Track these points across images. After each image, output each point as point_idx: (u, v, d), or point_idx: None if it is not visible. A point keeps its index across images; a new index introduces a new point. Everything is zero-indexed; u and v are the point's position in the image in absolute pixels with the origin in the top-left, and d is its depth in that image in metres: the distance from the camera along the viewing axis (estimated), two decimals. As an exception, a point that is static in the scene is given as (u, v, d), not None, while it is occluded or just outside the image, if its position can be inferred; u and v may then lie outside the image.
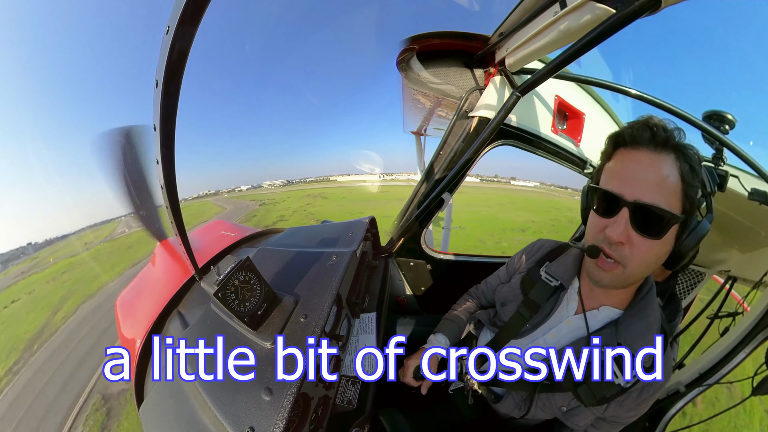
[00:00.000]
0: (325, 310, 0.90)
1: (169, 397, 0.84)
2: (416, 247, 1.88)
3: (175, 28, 0.47)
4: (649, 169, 0.68)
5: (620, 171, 0.73)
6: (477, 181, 71.26)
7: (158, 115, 0.56)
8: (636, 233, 0.69)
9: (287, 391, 0.70)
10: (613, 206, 0.71)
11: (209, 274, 0.83)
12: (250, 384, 0.73)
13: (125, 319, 1.50)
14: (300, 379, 0.72)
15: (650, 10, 0.61)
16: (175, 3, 0.46)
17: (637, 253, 0.71)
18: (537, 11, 0.89)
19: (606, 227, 0.73)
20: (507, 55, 1.23)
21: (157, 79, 0.52)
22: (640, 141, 0.70)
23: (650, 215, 0.67)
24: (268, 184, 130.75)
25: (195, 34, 0.51)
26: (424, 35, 1.37)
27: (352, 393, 1.03)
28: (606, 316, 0.87)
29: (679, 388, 1.31)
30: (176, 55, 0.51)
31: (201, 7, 0.48)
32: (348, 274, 1.20)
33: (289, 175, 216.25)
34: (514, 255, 1.19)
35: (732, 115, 1.21)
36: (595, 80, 1.35)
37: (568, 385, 0.86)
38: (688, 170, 0.67)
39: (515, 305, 1.03)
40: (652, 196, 0.67)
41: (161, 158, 0.62)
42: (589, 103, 1.77)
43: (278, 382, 0.72)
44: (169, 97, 0.55)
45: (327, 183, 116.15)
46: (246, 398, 0.71)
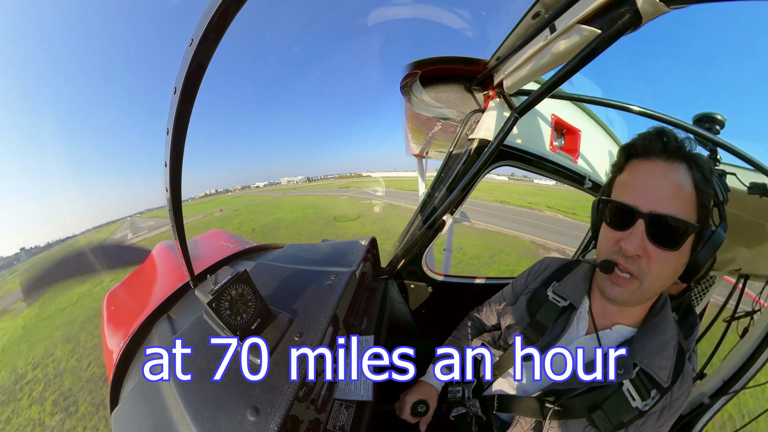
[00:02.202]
0: (320, 330, 0.90)
1: (145, 405, 0.82)
2: (417, 269, 1.89)
3: (198, 41, 0.54)
4: (664, 179, 0.70)
5: (634, 182, 0.74)
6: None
7: (172, 120, 0.62)
8: (652, 245, 0.70)
9: (275, 413, 0.68)
10: (627, 218, 0.72)
11: (205, 282, 0.85)
12: (234, 400, 0.72)
13: (112, 316, 1.49)
14: (290, 401, 0.70)
15: (632, 27, 0.69)
16: (201, 18, 0.53)
17: (654, 266, 0.71)
18: (530, 36, 0.99)
19: (620, 240, 0.73)
20: (505, 77, 1.34)
21: (176, 86, 0.59)
22: (653, 151, 0.72)
23: (667, 226, 0.68)
24: (286, 181, 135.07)
25: (215, 48, 0.58)
26: (427, 60, 1.49)
27: (345, 418, 0.99)
28: (619, 335, 0.86)
29: (703, 400, 1.25)
30: (196, 66, 0.58)
31: (223, 26, 0.56)
32: (346, 295, 1.20)
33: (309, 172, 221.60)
34: (519, 275, 1.20)
35: (721, 116, 1.28)
36: (587, 98, 1.45)
37: (582, 410, 0.83)
38: (701, 179, 0.69)
39: (521, 327, 1.02)
40: (668, 207, 0.68)
41: (170, 161, 0.67)
42: (584, 120, 1.88)
43: (266, 401, 0.71)
44: (184, 103, 0.61)
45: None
46: (229, 416, 0.69)
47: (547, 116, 1.68)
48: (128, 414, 0.85)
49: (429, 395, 1.11)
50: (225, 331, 0.83)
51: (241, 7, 0.52)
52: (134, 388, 0.92)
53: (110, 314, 1.52)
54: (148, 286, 1.62)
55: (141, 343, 1.24)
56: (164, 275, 1.64)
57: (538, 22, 0.99)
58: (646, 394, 0.78)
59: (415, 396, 1.09)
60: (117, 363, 1.14)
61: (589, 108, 1.85)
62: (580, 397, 0.84)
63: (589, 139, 1.86)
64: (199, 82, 0.61)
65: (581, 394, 0.84)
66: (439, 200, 1.63)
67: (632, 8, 0.68)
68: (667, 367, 0.78)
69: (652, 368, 0.78)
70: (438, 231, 1.71)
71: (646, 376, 0.79)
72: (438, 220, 1.60)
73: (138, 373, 1.07)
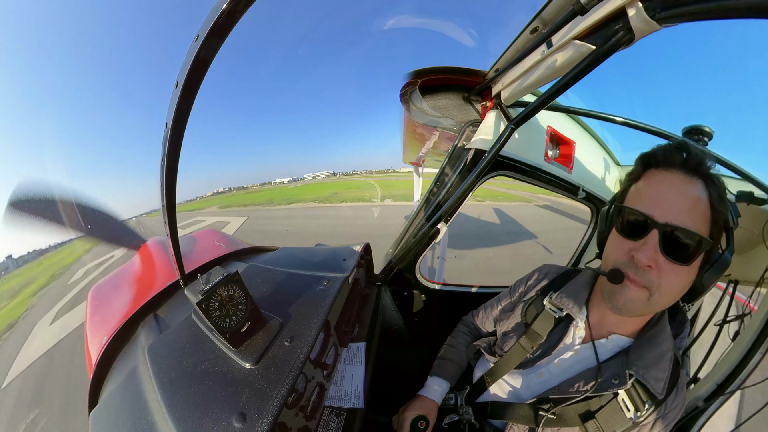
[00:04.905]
0: (311, 336, 0.89)
1: (126, 406, 0.80)
2: (411, 276, 1.89)
3: (204, 37, 0.55)
4: (681, 192, 0.69)
5: (650, 192, 0.73)
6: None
7: (172, 114, 0.62)
8: (664, 258, 0.68)
9: (262, 420, 0.66)
10: (641, 227, 0.71)
11: (195, 282, 0.83)
12: (221, 406, 0.70)
13: (96, 312, 1.44)
14: (278, 407, 0.68)
15: (626, 44, 0.72)
16: (208, 15, 0.54)
17: (664, 279, 0.70)
18: (528, 50, 1.03)
19: (632, 250, 0.72)
20: (503, 89, 1.38)
21: (178, 80, 0.59)
22: (673, 163, 0.71)
23: (681, 239, 0.67)
24: (311, 176, 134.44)
25: (220, 46, 0.59)
26: (427, 70, 1.53)
27: (335, 426, 0.97)
28: (615, 344, 0.87)
29: (697, 403, 1.25)
30: (200, 62, 0.58)
31: (230, 24, 0.56)
32: (338, 301, 1.19)
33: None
34: (516, 282, 1.20)
35: (709, 128, 1.34)
36: (582, 110, 1.49)
37: (575, 419, 0.83)
38: (717, 198, 0.69)
39: (517, 335, 1.02)
40: (684, 220, 0.67)
41: (166, 156, 0.66)
42: (578, 132, 1.93)
43: (254, 407, 0.68)
44: (185, 99, 0.61)
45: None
46: (214, 422, 0.67)
47: (543, 127, 1.73)
48: (107, 415, 0.82)
49: (429, 411, 1.08)
50: (214, 333, 0.81)
51: (250, 6, 0.53)
52: (115, 388, 0.89)
53: (94, 309, 1.47)
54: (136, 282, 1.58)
55: (125, 341, 1.20)
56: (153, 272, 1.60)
57: (536, 36, 1.03)
58: (640, 405, 0.78)
59: (414, 412, 1.06)
60: (98, 361, 1.10)
61: (583, 120, 1.91)
62: (575, 406, 0.83)
63: (583, 150, 1.91)
64: (202, 78, 0.61)
65: (575, 403, 0.84)
66: (434, 208, 1.65)
67: (626, 26, 0.71)
68: (662, 379, 0.78)
69: (648, 379, 0.78)
70: (432, 239, 1.71)
71: (641, 386, 0.79)
72: (432, 228, 1.61)
73: (120, 372, 1.03)
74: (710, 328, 1.46)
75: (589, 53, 0.80)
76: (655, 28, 0.67)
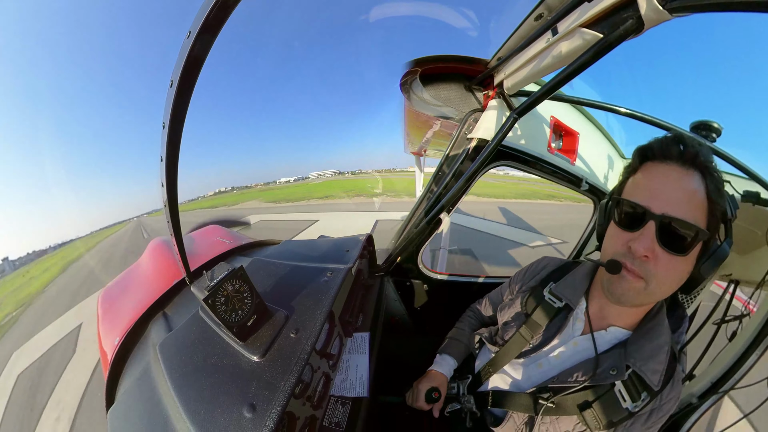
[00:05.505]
0: (316, 327, 0.90)
1: (141, 403, 0.82)
2: (413, 266, 1.90)
3: (196, 34, 0.53)
4: (678, 183, 0.70)
5: (647, 184, 0.74)
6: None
7: (169, 114, 0.61)
8: (661, 249, 0.70)
9: (271, 409, 0.68)
10: (638, 219, 0.73)
11: (200, 279, 0.84)
12: (231, 398, 0.72)
13: (106, 314, 1.49)
14: (286, 397, 0.71)
15: (634, 33, 0.70)
16: (199, 11, 0.52)
17: (661, 269, 0.71)
18: (532, 38, 1.00)
19: (629, 241, 0.74)
20: (505, 78, 1.34)
21: (172, 79, 0.58)
22: (670, 155, 0.72)
23: (677, 230, 0.69)
24: (316, 175, 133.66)
25: (213, 41, 0.57)
26: (428, 58, 1.49)
27: (341, 414, 1.00)
28: (614, 336, 0.88)
29: (691, 400, 1.29)
30: (193, 59, 0.57)
31: (222, 19, 0.55)
32: (342, 292, 1.21)
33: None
34: (516, 273, 1.22)
35: (718, 124, 1.31)
36: (587, 101, 1.46)
37: (573, 408, 0.85)
38: (714, 189, 0.69)
39: (516, 326, 1.04)
40: (680, 211, 0.68)
41: (165, 156, 0.66)
42: (582, 123, 1.90)
43: (262, 398, 0.71)
44: (181, 97, 0.60)
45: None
46: (225, 414, 0.69)
47: (546, 117, 1.69)
48: (124, 412, 0.85)
49: (441, 383, 1.14)
50: (221, 328, 0.83)
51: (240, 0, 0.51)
52: (130, 386, 0.92)
53: (105, 312, 1.51)
54: (143, 282, 1.61)
55: (136, 340, 1.23)
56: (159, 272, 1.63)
57: (541, 24, 0.99)
58: (636, 396, 0.80)
59: (428, 384, 1.13)
60: (112, 361, 1.13)
61: (587, 111, 1.87)
62: (573, 395, 0.86)
63: (587, 141, 1.88)
64: (197, 75, 0.60)
65: (574, 392, 0.86)
66: (436, 198, 1.64)
67: (635, 14, 0.68)
68: (658, 371, 0.80)
69: (645, 371, 0.79)
70: (434, 229, 1.72)
71: (637, 378, 0.81)
72: (435, 218, 1.61)
73: (134, 371, 1.07)
74: (708, 326, 1.47)
75: (596, 42, 0.77)
76: (666, 17, 0.64)
